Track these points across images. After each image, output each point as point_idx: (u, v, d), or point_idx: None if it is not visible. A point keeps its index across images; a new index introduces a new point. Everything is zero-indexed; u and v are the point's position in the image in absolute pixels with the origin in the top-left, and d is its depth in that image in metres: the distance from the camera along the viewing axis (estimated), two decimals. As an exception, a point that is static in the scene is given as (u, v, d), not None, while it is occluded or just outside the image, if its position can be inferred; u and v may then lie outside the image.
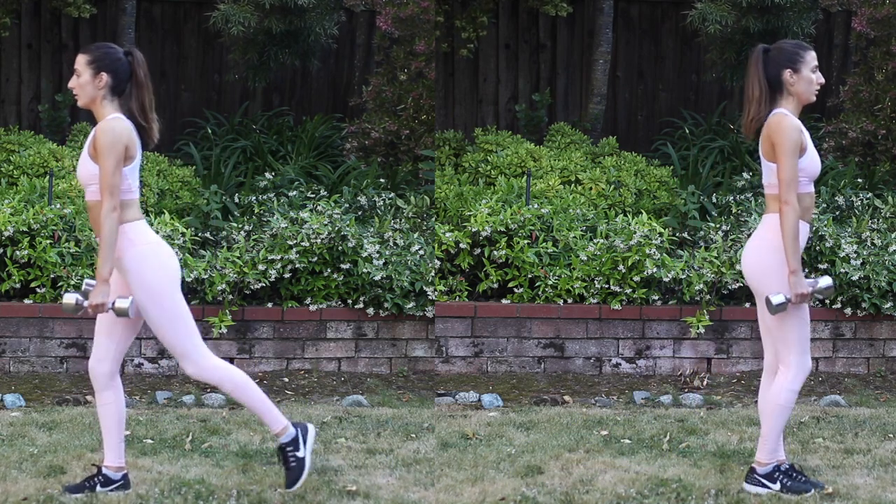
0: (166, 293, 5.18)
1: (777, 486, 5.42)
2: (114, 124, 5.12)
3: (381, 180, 8.98)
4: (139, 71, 5.22)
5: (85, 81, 5.18)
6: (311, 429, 5.43)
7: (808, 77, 5.33)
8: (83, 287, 5.28)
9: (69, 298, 5.16)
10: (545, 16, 10.36)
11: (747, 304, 8.10)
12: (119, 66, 5.20)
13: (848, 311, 8.06)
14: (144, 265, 5.14)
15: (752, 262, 5.37)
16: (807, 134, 5.31)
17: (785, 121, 5.26)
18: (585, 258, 7.99)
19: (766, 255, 5.31)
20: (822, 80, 5.39)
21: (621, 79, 10.71)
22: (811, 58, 5.34)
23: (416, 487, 5.62)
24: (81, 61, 5.20)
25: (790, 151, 5.22)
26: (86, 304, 5.12)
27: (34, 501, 5.27)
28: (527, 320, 8.01)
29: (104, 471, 5.37)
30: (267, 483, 5.57)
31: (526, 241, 8.07)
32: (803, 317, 5.36)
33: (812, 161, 5.31)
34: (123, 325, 5.29)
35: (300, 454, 5.35)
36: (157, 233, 7.70)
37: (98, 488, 5.34)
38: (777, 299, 5.26)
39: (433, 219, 8.48)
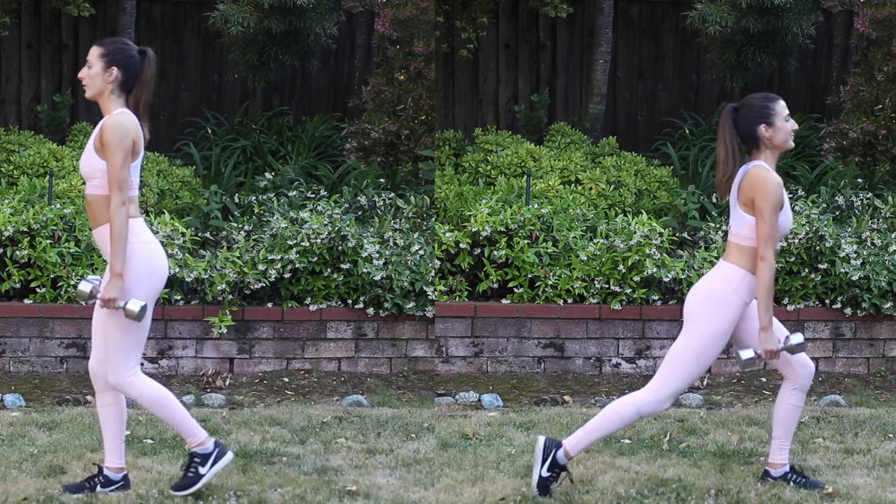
0: (142, 296, 5.11)
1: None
2: (122, 119, 5.11)
3: (381, 180, 8.99)
4: (147, 70, 5.23)
5: (95, 73, 5.17)
6: (229, 456, 5.34)
7: (782, 127, 5.32)
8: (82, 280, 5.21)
9: (85, 286, 5.12)
10: (545, 16, 10.36)
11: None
12: (131, 63, 5.20)
13: (848, 311, 8.07)
14: (133, 263, 5.08)
15: (693, 304, 5.34)
16: (784, 191, 5.31)
17: (769, 176, 5.24)
18: (585, 258, 7.99)
19: (710, 309, 5.29)
20: (796, 126, 5.39)
21: (621, 79, 10.71)
22: (781, 107, 5.34)
23: (416, 487, 5.62)
24: (94, 53, 5.19)
25: (773, 208, 5.21)
26: (99, 295, 5.08)
27: (34, 501, 5.27)
28: (527, 320, 8.01)
29: (105, 471, 5.36)
30: (267, 483, 5.57)
31: (526, 241, 8.07)
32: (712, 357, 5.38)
33: (786, 219, 5.32)
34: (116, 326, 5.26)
35: (202, 471, 5.28)
36: (157, 233, 7.73)
37: (98, 488, 5.33)
38: (746, 354, 5.26)
39: (433, 219, 8.48)
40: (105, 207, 5.08)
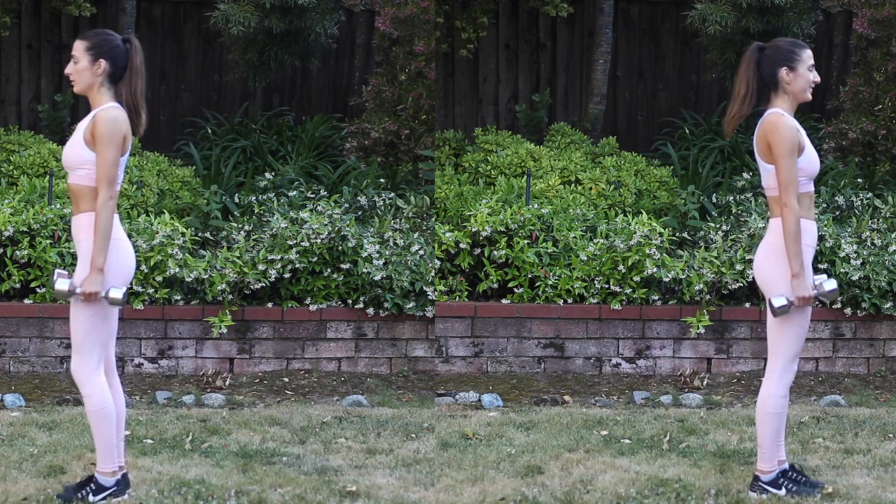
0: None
1: (783, 492, 5.39)
2: (114, 113, 5.08)
3: (381, 180, 8.98)
4: (136, 58, 5.16)
5: (83, 68, 5.14)
6: (125, 498, 5.24)
7: (804, 75, 5.25)
8: (55, 276, 5.12)
9: (62, 284, 5.05)
10: (545, 16, 10.36)
11: (747, 305, 8.10)
12: (117, 53, 5.15)
13: (848, 311, 8.06)
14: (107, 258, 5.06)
15: (760, 270, 5.29)
16: (803, 133, 5.25)
17: (781, 121, 5.18)
18: (585, 258, 7.99)
19: (774, 263, 5.23)
20: (818, 79, 5.31)
21: (621, 79, 10.71)
22: (807, 56, 5.26)
23: (416, 487, 5.62)
24: (79, 47, 5.15)
25: (788, 153, 5.14)
26: (79, 290, 5.04)
27: (34, 501, 5.27)
28: (527, 320, 8.01)
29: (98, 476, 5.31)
30: (267, 483, 5.58)
31: (526, 241, 8.07)
32: (803, 325, 5.28)
33: (811, 160, 5.23)
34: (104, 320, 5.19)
35: (91, 498, 5.19)
36: (157, 233, 7.74)
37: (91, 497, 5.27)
38: (779, 301, 5.19)
39: (433, 219, 8.48)
40: (90, 197, 5.05)
